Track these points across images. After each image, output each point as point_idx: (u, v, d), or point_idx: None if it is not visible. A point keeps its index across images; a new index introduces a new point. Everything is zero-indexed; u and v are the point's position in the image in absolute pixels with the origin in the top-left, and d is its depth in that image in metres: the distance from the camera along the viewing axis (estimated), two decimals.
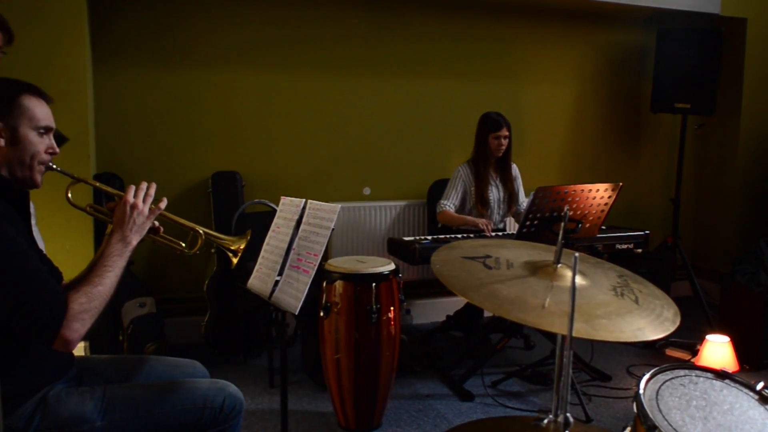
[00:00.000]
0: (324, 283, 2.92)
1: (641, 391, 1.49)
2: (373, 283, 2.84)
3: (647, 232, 3.79)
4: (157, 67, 3.90)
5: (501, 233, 3.82)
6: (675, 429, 1.40)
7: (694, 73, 4.49)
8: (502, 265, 1.65)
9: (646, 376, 1.56)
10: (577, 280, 1.36)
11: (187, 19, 3.93)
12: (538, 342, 4.02)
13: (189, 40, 3.94)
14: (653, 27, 4.81)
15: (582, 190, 3.20)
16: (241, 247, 2.01)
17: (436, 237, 3.64)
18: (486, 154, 3.89)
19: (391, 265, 2.96)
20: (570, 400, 1.54)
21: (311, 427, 2.99)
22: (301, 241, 2.26)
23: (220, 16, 3.99)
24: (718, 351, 3.49)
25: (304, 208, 2.34)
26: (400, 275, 3.02)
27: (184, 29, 3.93)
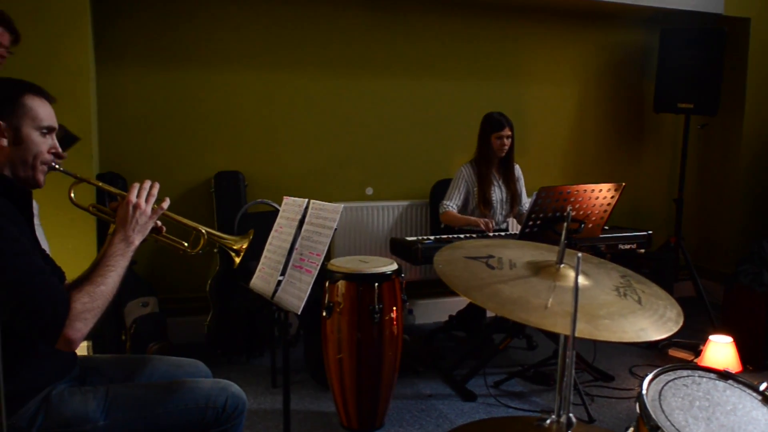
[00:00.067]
0: (326, 283, 2.92)
1: (644, 391, 1.49)
2: (376, 283, 2.84)
3: (650, 233, 3.78)
4: (160, 66, 3.91)
5: (503, 233, 3.82)
6: (678, 429, 1.40)
7: (697, 73, 4.48)
8: (504, 265, 1.65)
9: (649, 377, 1.56)
10: (580, 280, 1.36)
11: (190, 19, 3.93)
12: (540, 342, 4.02)
13: (192, 39, 3.95)
14: (656, 27, 4.81)
15: (585, 190, 3.19)
16: (244, 247, 2.01)
17: (438, 237, 3.64)
18: (489, 154, 3.88)
19: (394, 265, 2.96)
20: (573, 401, 1.54)
21: (314, 427, 2.99)
22: (303, 241, 2.26)
23: (223, 16, 3.99)
24: (721, 351, 3.48)
25: (307, 208, 2.34)
26: (403, 275, 3.02)
27: (187, 29, 3.93)
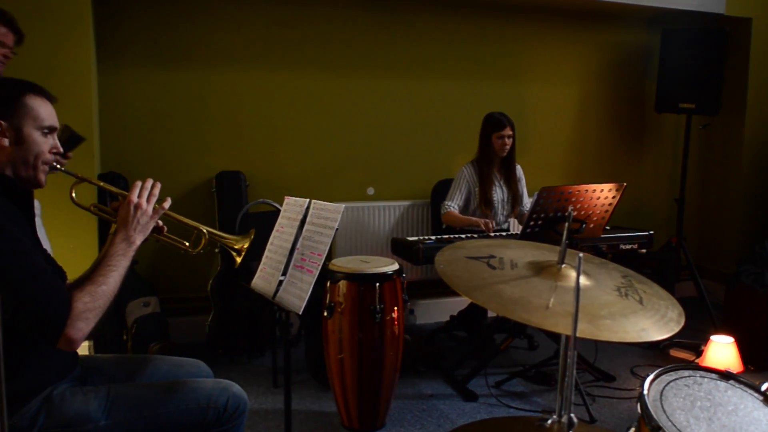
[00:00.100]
0: (328, 283, 2.92)
1: (645, 391, 1.49)
2: (377, 283, 2.84)
3: (651, 233, 3.78)
4: (162, 66, 3.91)
5: (505, 233, 3.81)
6: (679, 430, 1.40)
7: (698, 73, 4.47)
8: (506, 265, 1.65)
9: (651, 377, 1.56)
10: (581, 280, 1.36)
11: (192, 19, 3.94)
12: (541, 342, 4.02)
13: (193, 39, 3.95)
14: (657, 27, 4.80)
15: (586, 191, 3.19)
16: (245, 246, 2.01)
17: (440, 237, 3.64)
18: (490, 154, 3.88)
19: (395, 265, 2.96)
20: (574, 401, 1.54)
21: (315, 426, 2.99)
22: (305, 241, 2.27)
23: (224, 16, 4.00)
24: (722, 352, 3.48)
25: (308, 208, 2.35)
26: (404, 275, 3.02)
27: (188, 29, 3.94)
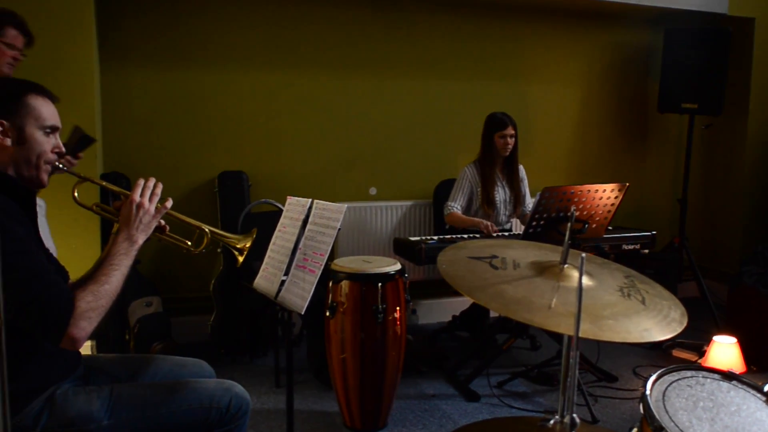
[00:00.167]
0: (330, 283, 2.92)
1: (648, 392, 1.49)
2: (379, 283, 2.84)
3: (654, 233, 3.78)
4: (164, 66, 3.92)
5: (507, 233, 3.81)
6: (682, 430, 1.40)
7: (701, 73, 4.46)
8: (508, 265, 1.65)
9: (653, 377, 1.55)
10: (584, 280, 1.36)
11: (195, 20, 3.94)
12: (544, 342, 4.01)
13: (196, 40, 3.96)
14: (660, 27, 4.79)
15: (588, 191, 3.19)
16: (247, 246, 2.01)
17: (442, 237, 3.64)
18: (492, 154, 3.88)
19: (397, 265, 2.96)
20: (576, 401, 1.54)
21: (317, 426, 3.00)
22: (307, 241, 2.27)
23: (227, 16, 4.00)
24: (725, 352, 3.48)
25: (311, 208, 2.35)
26: (406, 275, 3.02)
27: (191, 29, 3.94)
